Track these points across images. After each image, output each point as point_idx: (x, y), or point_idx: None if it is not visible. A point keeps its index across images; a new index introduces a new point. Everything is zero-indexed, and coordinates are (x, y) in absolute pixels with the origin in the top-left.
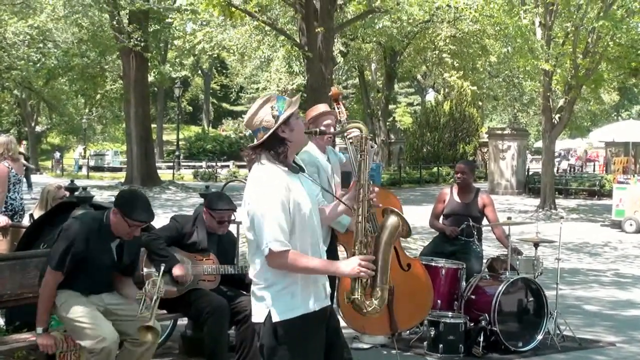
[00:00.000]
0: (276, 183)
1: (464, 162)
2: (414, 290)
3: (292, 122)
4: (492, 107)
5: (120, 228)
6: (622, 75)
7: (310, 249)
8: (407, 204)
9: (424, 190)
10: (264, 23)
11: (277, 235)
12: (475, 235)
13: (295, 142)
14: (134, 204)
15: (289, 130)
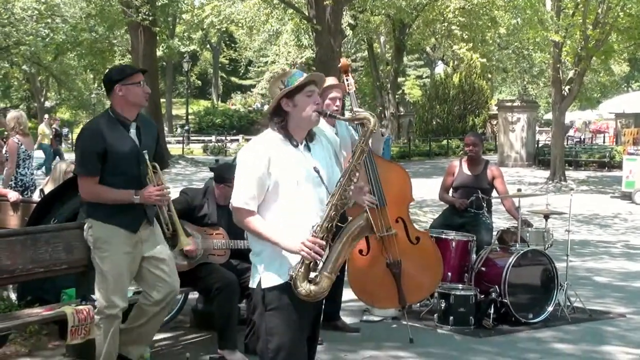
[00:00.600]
0: (258, 148)
1: (474, 135)
2: (424, 263)
3: (297, 97)
4: (502, 79)
5: (133, 96)
6: (632, 46)
7: (296, 217)
8: (417, 177)
9: (434, 162)
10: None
11: (242, 194)
12: (485, 207)
13: (298, 118)
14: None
15: (292, 105)
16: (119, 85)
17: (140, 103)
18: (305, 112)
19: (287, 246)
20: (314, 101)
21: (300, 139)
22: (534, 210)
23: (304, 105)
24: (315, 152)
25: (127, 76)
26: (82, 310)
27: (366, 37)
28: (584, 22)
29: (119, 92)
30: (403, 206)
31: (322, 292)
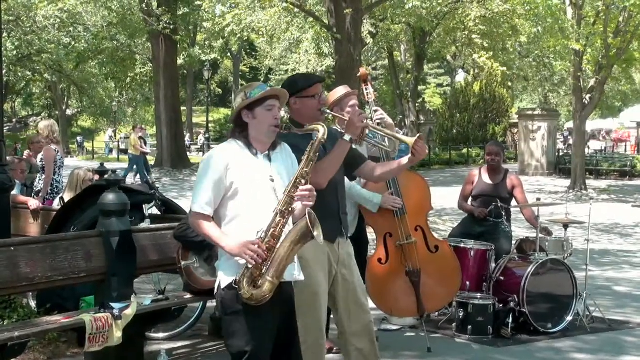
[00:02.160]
0: (218, 154)
1: (495, 144)
2: (442, 272)
3: (257, 110)
4: (523, 88)
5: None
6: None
7: (250, 222)
8: (437, 185)
9: (454, 171)
10: (293, 5)
11: (199, 199)
12: (504, 216)
13: (256, 130)
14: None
15: (252, 117)
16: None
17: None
18: (263, 125)
19: (231, 250)
20: (273, 115)
21: (261, 149)
22: (553, 220)
23: (263, 119)
24: (276, 161)
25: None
26: (101, 318)
27: (387, 45)
28: (605, 31)
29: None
30: (422, 215)
31: (263, 296)
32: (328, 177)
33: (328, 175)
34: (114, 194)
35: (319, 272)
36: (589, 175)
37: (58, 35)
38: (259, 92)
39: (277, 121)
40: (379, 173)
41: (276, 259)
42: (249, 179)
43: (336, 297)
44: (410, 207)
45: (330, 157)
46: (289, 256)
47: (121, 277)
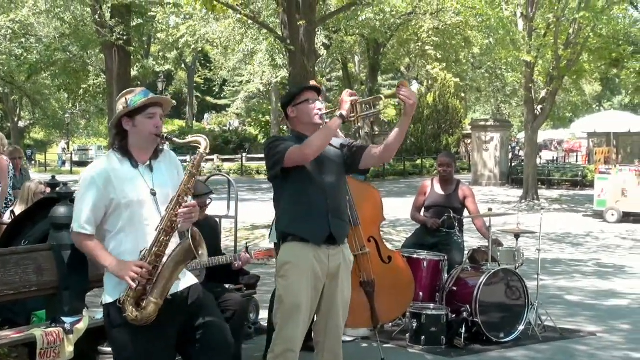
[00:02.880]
0: (96, 169)
1: (446, 155)
2: (396, 283)
3: (137, 118)
4: (475, 99)
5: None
6: (603, 66)
7: (132, 239)
8: (391, 196)
9: (408, 182)
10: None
11: (79, 218)
12: (456, 226)
13: (136, 139)
14: None
15: (132, 125)
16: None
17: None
18: (143, 133)
19: (114, 271)
20: (154, 124)
21: (141, 159)
22: (505, 230)
23: (143, 127)
24: (159, 171)
25: None
26: (52, 333)
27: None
28: (555, 43)
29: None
30: (375, 226)
31: (148, 317)
32: (314, 149)
33: (314, 146)
34: (65, 206)
35: (303, 280)
36: (541, 185)
37: (9, 46)
38: (140, 99)
39: (158, 130)
40: (382, 148)
41: (160, 280)
42: (130, 194)
43: (318, 310)
44: (364, 218)
45: (320, 130)
46: (172, 276)
47: (73, 291)
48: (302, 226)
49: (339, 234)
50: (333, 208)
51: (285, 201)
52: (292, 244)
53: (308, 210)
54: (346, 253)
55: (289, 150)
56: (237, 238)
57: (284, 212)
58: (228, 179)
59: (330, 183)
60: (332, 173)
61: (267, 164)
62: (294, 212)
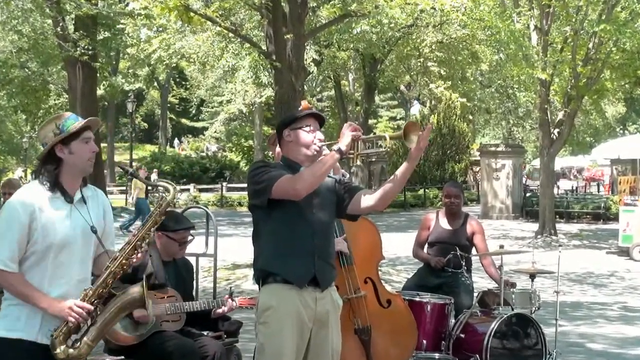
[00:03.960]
0: (22, 201)
1: (454, 184)
2: (396, 330)
3: (73, 144)
4: (485, 121)
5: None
6: (627, 84)
7: (65, 277)
8: (390, 231)
9: (409, 215)
10: (227, 29)
11: (3, 254)
12: (464, 266)
13: (73, 166)
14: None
15: (68, 152)
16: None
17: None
18: (81, 159)
19: (54, 311)
20: (90, 149)
21: (73, 190)
22: (519, 269)
23: (81, 153)
24: (91, 205)
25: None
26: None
27: (333, 74)
28: (573, 58)
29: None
30: (372, 265)
31: (80, 358)
32: (307, 185)
33: (307, 182)
34: None
35: (286, 326)
36: (558, 219)
37: None
38: (72, 123)
39: (94, 154)
40: (377, 196)
41: (99, 322)
42: (63, 230)
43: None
44: (359, 256)
45: (315, 163)
46: (113, 321)
47: None
48: (283, 265)
49: (324, 279)
50: (320, 249)
51: (266, 236)
52: (273, 286)
53: (291, 248)
54: (334, 297)
55: (279, 180)
56: (216, 279)
57: (264, 249)
58: (206, 211)
59: (320, 220)
60: (323, 209)
61: (250, 191)
62: (276, 249)
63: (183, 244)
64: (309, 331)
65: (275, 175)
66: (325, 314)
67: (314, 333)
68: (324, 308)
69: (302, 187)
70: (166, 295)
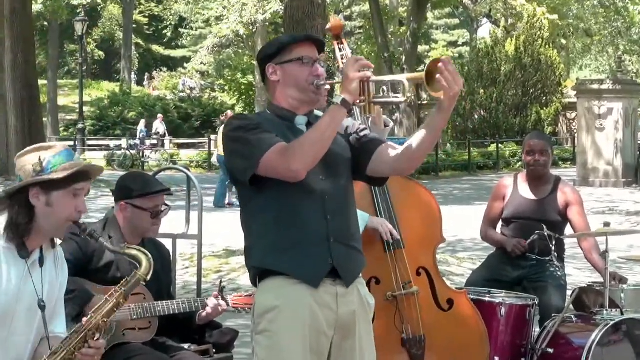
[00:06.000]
0: None
1: (539, 136)
2: (459, 341)
3: (54, 196)
4: (583, 48)
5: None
6: None
7: None
8: (449, 203)
9: (476, 180)
10: None
11: None
12: (553, 251)
13: (45, 224)
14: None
15: (45, 203)
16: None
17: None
18: (59, 218)
19: None
20: (78, 207)
21: (32, 247)
22: (631, 257)
23: (62, 210)
24: (49, 269)
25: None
26: None
27: None
28: None
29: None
30: (428, 250)
31: None
32: (307, 163)
33: (307, 157)
34: None
35: (297, 336)
36: None
37: None
38: (62, 162)
39: (80, 214)
40: (400, 154)
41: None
42: (6, 297)
43: None
44: (411, 237)
45: (312, 128)
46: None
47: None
48: (287, 260)
49: (347, 268)
50: (336, 228)
51: (259, 219)
52: (275, 281)
53: (296, 233)
54: (363, 292)
55: (267, 154)
56: (201, 271)
57: (258, 238)
58: (187, 175)
59: (333, 188)
60: (335, 172)
61: (229, 164)
62: (274, 237)
63: (156, 215)
64: (328, 342)
65: (261, 144)
66: (350, 317)
67: (335, 344)
68: (349, 308)
69: (300, 165)
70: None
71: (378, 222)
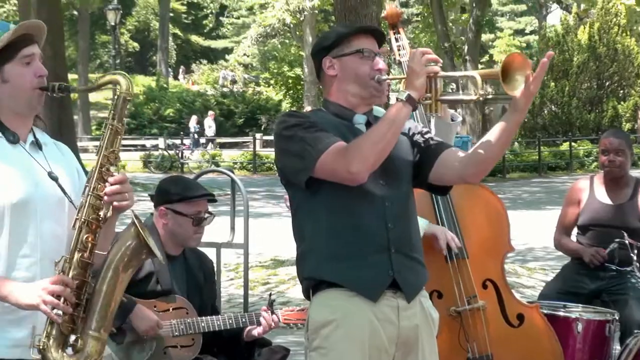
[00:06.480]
0: None
1: (616, 134)
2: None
3: (7, 68)
4: None
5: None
6: None
7: (25, 248)
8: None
9: (547, 183)
10: None
11: None
12: (635, 261)
13: (12, 100)
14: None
15: (1, 80)
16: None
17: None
18: (22, 89)
19: (20, 300)
20: (35, 72)
21: (22, 131)
22: None
23: (20, 80)
24: (49, 152)
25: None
26: None
27: None
28: None
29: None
30: (495, 260)
31: (94, 359)
32: (367, 166)
33: (368, 160)
34: None
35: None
36: None
37: None
38: (1, 34)
39: (42, 80)
40: (467, 159)
41: (96, 301)
42: (15, 182)
43: None
44: (476, 246)
45: (374, 127)
46: (116, 291)
47: None
48: (343, 270)
49: (409, 282)
50: (397, 238)
51: (312, 225)
52: (331, 293)
53: (353, 242)
54: (426, 305)
55: (325, 155)
56: (247, 283)
57: (311, 246)
58: (232, 178)
59: (394, 195)
60: (397, 177)
61: (281, 164)
62: (328, 245)
63: (199, 222)
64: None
65: (318, 143)
66: (413, 332)
67: None
68: (411, 323)
69: (361, 167)
70: (172, 306)
71: (437, 229)
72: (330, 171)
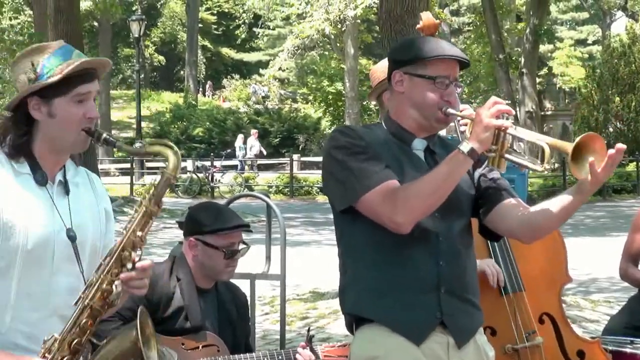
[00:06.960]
0: None
1: None
2: None
3: (57, 102)
4: None
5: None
6: None
7: (23, 311)
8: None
9: (612, 207)
10: None
11: None
12: None
13: (54, 137)
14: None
15: (47, 113)
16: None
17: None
18: (67, 129)
19: None
20: (86, 113)
21: (51, 171)
22: None
23: (68, 117)
24: (78, 196)
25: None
26: None
27: None
28: None
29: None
30: (553, 292)
31: None
32: (414, 215)
33: (415, 208)
34: None
35: None
36: None
37: None
38: (59, 63)
39: (91, 121)
40: (526, 221)
41: None
42: (32, 227)
43: None
44: (532, 278)
45: (427, 176)
46: None
47: None
48: (384, 304)
49: (459, 325)
50: (450, 276)
51: (354, 257)
52: (375, 329)
53: (400, 276)
54: (480, 341)
55: (373, 191)
56: (284, 317)
57: (354, 279)
58: (267, 203)
59: (449, 230)
60: (453, 211)
61: (324, 184)
62: (372, 278)
63: (231, 255)
64: None
65: (364, 177)
66: None
67: None
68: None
69: (406, 219)
70: (202, 343)
71: (485, 263)
72: (373, 213)
